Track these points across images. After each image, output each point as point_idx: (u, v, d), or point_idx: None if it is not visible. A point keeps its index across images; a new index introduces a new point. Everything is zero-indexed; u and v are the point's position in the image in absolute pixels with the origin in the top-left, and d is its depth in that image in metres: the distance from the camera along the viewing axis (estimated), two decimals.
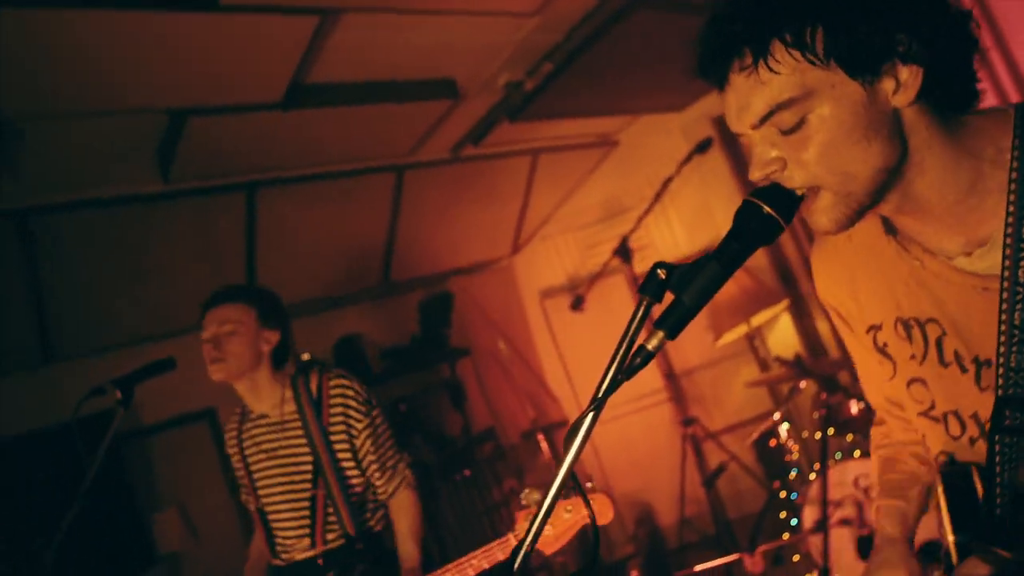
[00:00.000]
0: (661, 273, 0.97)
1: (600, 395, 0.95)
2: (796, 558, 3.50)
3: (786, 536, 3.54)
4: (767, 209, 0.97)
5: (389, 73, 3.47)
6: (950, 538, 1.11)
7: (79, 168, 3.23)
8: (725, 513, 4.99)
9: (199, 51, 2.75)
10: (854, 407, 3.52)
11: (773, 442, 3.94)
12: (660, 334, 0.95)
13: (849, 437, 3.47)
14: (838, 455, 3.31)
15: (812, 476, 3.34)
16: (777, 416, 3.81)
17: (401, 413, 4.82)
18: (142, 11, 2.43)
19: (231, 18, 2.62)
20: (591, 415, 0.96)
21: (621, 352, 0.96)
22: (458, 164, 4.58)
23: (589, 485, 2.05)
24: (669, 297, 0.97)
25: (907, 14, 0.98)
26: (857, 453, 3.28)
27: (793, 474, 3.69)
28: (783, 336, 5.02)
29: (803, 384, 3.80)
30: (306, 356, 4.90)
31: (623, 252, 4.85)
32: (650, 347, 0.95)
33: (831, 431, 3.40)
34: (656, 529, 5.32)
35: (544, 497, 0.96)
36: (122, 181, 3.44)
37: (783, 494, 3.74)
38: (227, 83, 3.03)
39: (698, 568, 3.24)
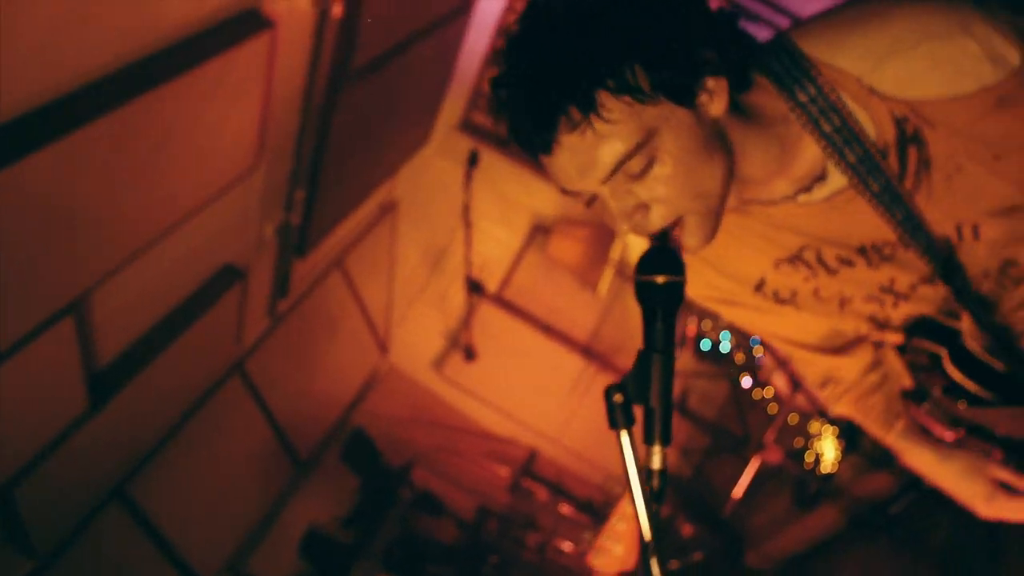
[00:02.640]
0: (618, 397, 0.94)
1: (651, 539, 0.91)
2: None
3: (772, 409, 3.70)
4: (660, 279, 0.95)
5: (170, 301, 3.25)
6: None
7: None
8: (706, 418, 5.17)
9: None
10: None
11: (708, 345, 4.11)
12: (656, 448, 0.93)
13: None
14: None
15: (759, 352, 3.50)
16: (693, 320, 3.96)
17: (399, 558, 4.63)
18: None
19: None
20: (653, 560, 0.92)
21: (638, 488, 0.92)
22: (283, 323, 4.39)
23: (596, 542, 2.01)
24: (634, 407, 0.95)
25: (707, 30, 0.96)
26: None
27: (741, 355, 3.85)
28: (641, 243, 5.22)
29: None
30: None
31: (473, 287, 4.85)
32: (656, 466, 0.93)
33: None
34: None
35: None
36: None
37: (743, 377, 3.90)
38: (29, 433, 2.72)
39: (736, 495, 3.33)
